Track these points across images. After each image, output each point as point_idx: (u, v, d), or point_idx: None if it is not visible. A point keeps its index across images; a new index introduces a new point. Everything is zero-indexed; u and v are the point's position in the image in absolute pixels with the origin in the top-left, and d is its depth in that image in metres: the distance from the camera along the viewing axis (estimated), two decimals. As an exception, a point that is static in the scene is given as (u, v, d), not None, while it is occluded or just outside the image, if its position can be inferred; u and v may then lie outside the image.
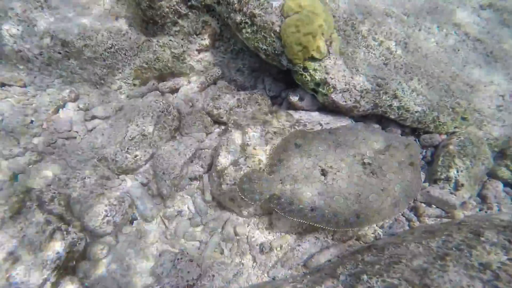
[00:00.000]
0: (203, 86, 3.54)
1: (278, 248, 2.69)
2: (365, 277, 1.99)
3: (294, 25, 2.75)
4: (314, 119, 2.99)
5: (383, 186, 2.43)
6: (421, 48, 3.54)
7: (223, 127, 3.34)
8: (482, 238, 2.05)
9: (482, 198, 3.48)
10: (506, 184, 3.64)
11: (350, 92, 2.88)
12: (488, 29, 3.99)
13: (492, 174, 3.62)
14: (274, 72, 3.45)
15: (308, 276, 2.36)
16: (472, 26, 3.94)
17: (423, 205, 2.87)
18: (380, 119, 3.25)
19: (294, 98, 3.16)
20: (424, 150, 3.29)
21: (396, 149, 2.60)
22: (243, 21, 3.00)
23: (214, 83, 3.60)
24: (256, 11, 2.93)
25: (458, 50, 3.77)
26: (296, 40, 2.76)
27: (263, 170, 2.63)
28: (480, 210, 3.41)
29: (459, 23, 3.87)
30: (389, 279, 1.94)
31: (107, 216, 2.72)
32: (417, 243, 2.18)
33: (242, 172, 2.74)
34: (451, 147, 3.03)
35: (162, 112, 3.28)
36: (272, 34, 2.89)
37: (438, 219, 2.81)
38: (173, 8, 3.24)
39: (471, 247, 2.02)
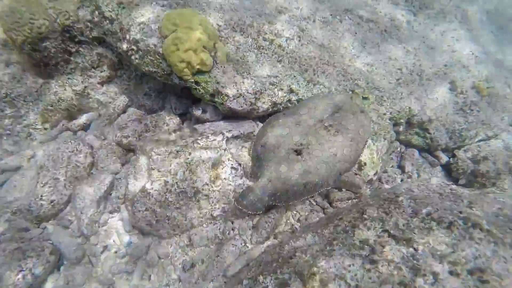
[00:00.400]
0: (113, 117, 3.53)
1: (200, 263, 2.72)
2: (261, 277, 2.05)
3: (173, 44, 2.79)
4: (218, 129, 3.04)
5: (350, 137, 2.69)
6: (317, 38, 3.67)
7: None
8: (365, 216, 2.15)
9: (401, 168, 3.64)
10: (422, 150, 3.83)
11: (244, 97, 2.94)
12: (379, 9, 4.18)
13: (407, 143, 3.80)
14: (178, 90, 3.48)
15: (223, 286, 2.40)
16: (364, 9, 4.12)
17: (335, 190, 2.97)
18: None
19: (198, 112, 3.20)
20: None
21: (346, 104, 2.84)
22: (129, 48, 3.02)
23: (124, 111, 3.59)
24: (138, 37, 2.95)
25: (356, 33, 3.92)
26: (178, 58, 2.80)
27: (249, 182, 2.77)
28: (401, 181, 3.58)
29: (350, 8, 4.03)
30: (281, 275, 2.00)
31: (21, 271, 2.67)
32: (314, 233, 2.26)
33: (151, 197, 2.77)
34: (352, 128, 3.15)
35: (72, 151, 3.25)
36: (157, 56, 2.93)
37: (349, 201, 2.92)
38: (60, 47, 3.21)
39: (354, 226, 2.11)
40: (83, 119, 3.58)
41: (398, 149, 3.76)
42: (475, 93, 3.79)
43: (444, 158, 3.82)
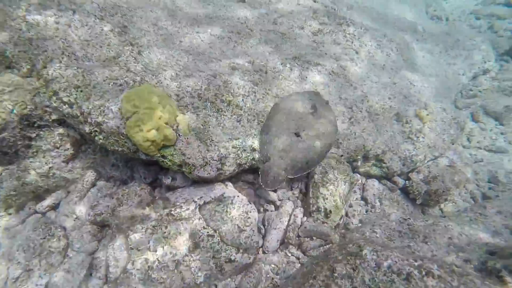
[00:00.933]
0: (82, 193, 3.53)
1: (190, 335, 2.80)
2: None
3: (135, 125, 2.90)
4: (189, 196, 3.16)
5: (330, 120, 3.47)
6: (271, 90, 3.91)
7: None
8: (335, 274, 2.37)
9: (364, 200, 3.95)
10: (381, 178, 4.17)
11: (210, 165, 3.10)
12: (324, 50, 4.53)
13: (367, 174, 4.12)
14: (146, 159, 3.56)
15: None
16: (312, 53, 4.44)
17: (307, 239, 3.19)
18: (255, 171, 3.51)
19: (167, 181, 3.31)
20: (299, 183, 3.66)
21: (316, 96, 3.66)
22: (92, 130, 3.08)
23: (93, 185, 3.61)
24: (100, 119, 3.03)
25: (306, 78, 4.22)
26: (142, 138, 2.91)
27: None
28: (366, 212, 3.87)
29: (298, 55, 4.34)
30: None
31: None
32: (292, 294, 2.44)
33: (134, 277, 2.82)
34: (315, 176, 3.41)
35: (44, 238, 3.21)
36: (121, 137, 3.01)
37: (321, 248, 3.14)
38: (18, 135, 3.20)
39: (328, 286, 2.32)
40: (51, 199, 3.54)
41: (359, 181, 4.07)
42: (418, 121, 4.22)
43: (401, 182, 4.19)
